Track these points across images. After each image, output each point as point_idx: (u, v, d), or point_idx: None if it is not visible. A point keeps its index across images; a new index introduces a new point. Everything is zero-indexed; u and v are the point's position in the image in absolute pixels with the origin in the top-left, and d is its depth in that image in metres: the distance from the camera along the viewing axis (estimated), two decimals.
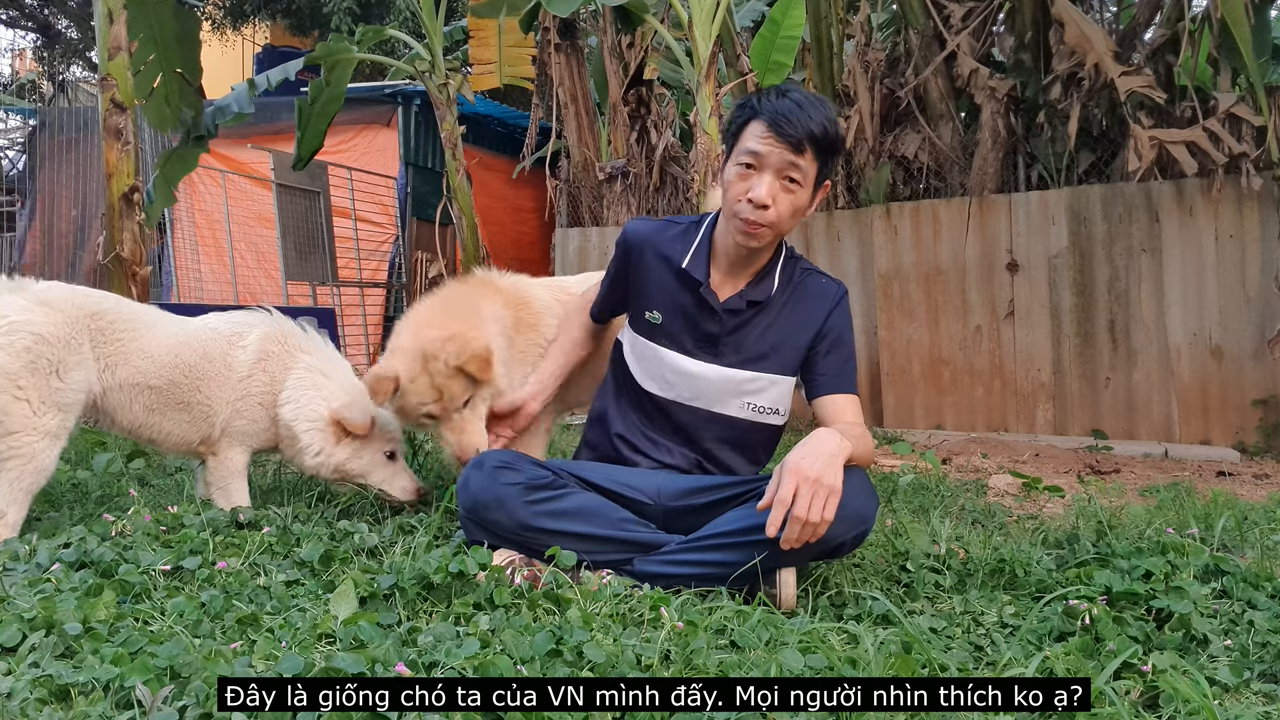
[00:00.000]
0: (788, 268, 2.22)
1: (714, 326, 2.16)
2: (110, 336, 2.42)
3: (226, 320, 2.68)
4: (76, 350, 2.33)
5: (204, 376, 2.54)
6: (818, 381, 2.16)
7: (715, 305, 2.15)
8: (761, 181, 2.01)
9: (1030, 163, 5.82)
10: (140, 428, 2.52)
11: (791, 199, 2.04)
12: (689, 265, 2.19)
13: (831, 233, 6.07)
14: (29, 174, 11.05)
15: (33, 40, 17.87)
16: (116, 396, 2.45)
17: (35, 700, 1.33)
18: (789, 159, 1.99)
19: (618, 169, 7.32)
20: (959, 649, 1.69)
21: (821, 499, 1.79)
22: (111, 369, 2.43)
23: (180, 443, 2.61)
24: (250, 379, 2.57)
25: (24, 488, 2.27)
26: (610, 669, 1.46)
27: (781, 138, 1.98)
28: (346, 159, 9.30)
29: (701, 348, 2.17)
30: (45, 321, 2.29)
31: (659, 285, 2.22)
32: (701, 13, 5.29)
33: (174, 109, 5.87)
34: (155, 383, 2.48)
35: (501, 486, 2.04)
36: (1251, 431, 4.90)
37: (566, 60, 7.95)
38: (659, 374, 2.21)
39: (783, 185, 2.02)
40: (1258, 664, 1.64)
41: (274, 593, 1.83)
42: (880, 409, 5.86)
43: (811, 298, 2.19)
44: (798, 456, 1.84)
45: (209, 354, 2.55)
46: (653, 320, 2.21)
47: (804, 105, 2.00)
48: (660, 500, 2.15)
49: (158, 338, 2.51)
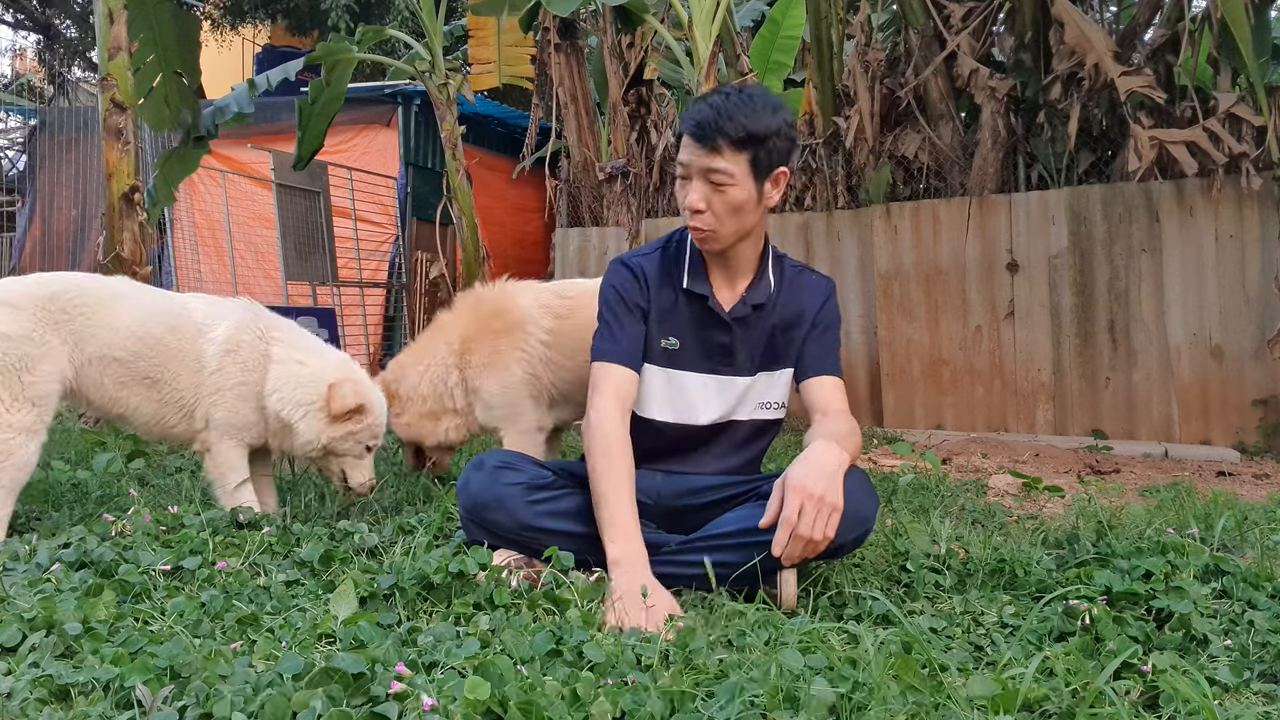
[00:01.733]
0: (778, 266, 2.24)
1: (725, 337, 2.17)
2: (73, 314, 2.40)
3: (203, 304, 2.64)
4: (40, 343, 2.32)
5: (169, 351, 2.50)
6: (805, 364, 2.20)
7: (723, 315, 2.16)
8: (691, 188, 2.05)
9: (1030, 163, 5.82)
10: (111, 404, 2.49)
11: (724, 198, 2.04)
12: (690, 284, 2.19)
13: (831, 233, 6.07)
14: (29, 174, 11.05)
15: (34, 40, 17.88)
16: (88, 373, 2.43)
17: (35, 700, 1.33)
18: (705, 163, 2.02)
19: (618, 169, 7.32)
20: (959, 649, 1.69)
21: (825, 516, 1.83)
22: (79, 346, 2.41)
23: (153, 423, 2.56)
24: (221, 371, 2.54)
25: (5, 485, 2.27)
26: (610, 669, 1.46)
27: (695, 140, 2.03)
28: (346, 159, 9.30)
29: (718, 360, 2.18)
30: (4, 319, 2.28)
31: (668, 311, 2.20)
32: (701, 13, 5.29)
33: (173, 110, 5.86)
34: (119, 355, 2.45)
35: (502, 487, 2.04)
36: (1251, 431, 4.90)
37: (566, 60, 7.95)
38: (673, 400, 2.18)
39: (711, 187, 2.04)
40: (1258, 664, 1.64)
41: (274, 593, 1.83)
42: (880, 409, 5.86)
43: (805, 293, 2.23)
44: (800, 474, 1.86)
45: (177, 329, 2.52)
46: (669, 347, 2.19)
47: (719, 107, 2.01)
48: (660, 500, 2.16)
49: (124, 307, 2.48)
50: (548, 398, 2.99)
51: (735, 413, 2.19)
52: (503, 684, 1.34)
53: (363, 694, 1.33)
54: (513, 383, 2.94)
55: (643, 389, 2.18)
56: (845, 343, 5.98)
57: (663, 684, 1.39)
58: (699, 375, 2.18)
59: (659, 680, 1.42)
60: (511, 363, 2.93)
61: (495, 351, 2.95)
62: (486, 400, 2.98)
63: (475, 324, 3.02)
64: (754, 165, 2.05)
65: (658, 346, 2.19)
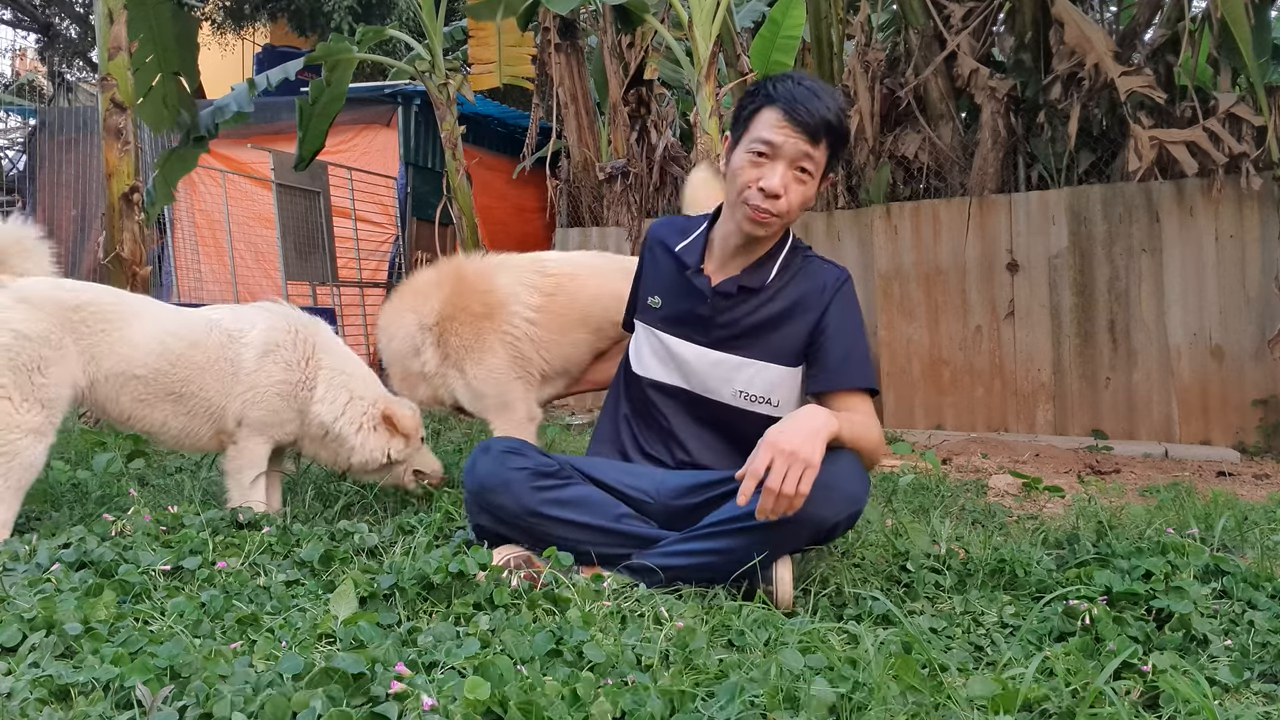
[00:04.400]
0: (791, 258, 2.19)
1: (704, 309, 2.17)
2: (94, 328, 2.41)
3: (229, 312, 2.68)
4: (57, 346, 2.33)
5: (194, 366, 2.52)
6: (816, 377, 2.12)
7: (704, 288, 2.16)
8: (775, 171, 2.00)
9: (1030, 163, 5.82)
10: (131, 420, 2.51)
11: (802, 190, 2.04)
12: (682, 250, 2.23)
13: (831, 233, 6.07)
14: (29, 174, 11.05)
15: (34, 40, 17.87)
16: (104, 388, 2.44)
17: (35, 700, 1.33)
18: (804, 149, 1.98)
19: (618, 169, 7.32)
20: (959, 649, 1.69)
21: (797, 472, 1.75)
22: (96, 361, 2.42)
23: (183, 435, 2.58)
24: (260, 372, 2.58)
25: (11, 485, 2.27)
26: (610, 669, 1.46)
27: (798, 126, 1.97)
28: (346, 159, 9.30)
29: (695, 329, 2.19)
30: (25, 319, 2.28)
31: (660, 272, 2.28)
32: (701, 13, 5.29)
33: (171, 110, 5.86)
34: (140, 372, 2.46)
35: (509, 471, 2.06)
36: (1251, 431, 4.90)
37: (566, 60, 7.95)
38: (660, 357, 2.24)
39: (795, 176, 2.01)
40: (1258, 664, 1.64)
41: (274, 593, 1.83)
42: (880, 409, 5.86)
43: (808, 284, 2.15)
44: (777, 430, 1.83)
45: (198, 344, 2.53)
46: (654, 305, 2.26)
47: (819, 93, 1.99)
48: (659, 498, 2.16)
49: (143, 326, 2.49)
50: (539, 376, 2.97)
51: (715, 392, 2.17)
52: (503, 684, 1.34)
53: (363, 694, 1.33)
54: (499, 366, 2.90)
55: (638, 346, 2.28)
56: None
57: (663, 684, 1.39)
58: (676, 339, 2.21)
59: (659, 680, 1.42)
60: (497, 345, 2.89)
61: (479, 334, 2.89)
62: (476, 389, 2.93)
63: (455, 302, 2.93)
64: (829, 163, 2.05)
65: (647, 304, 2.28)
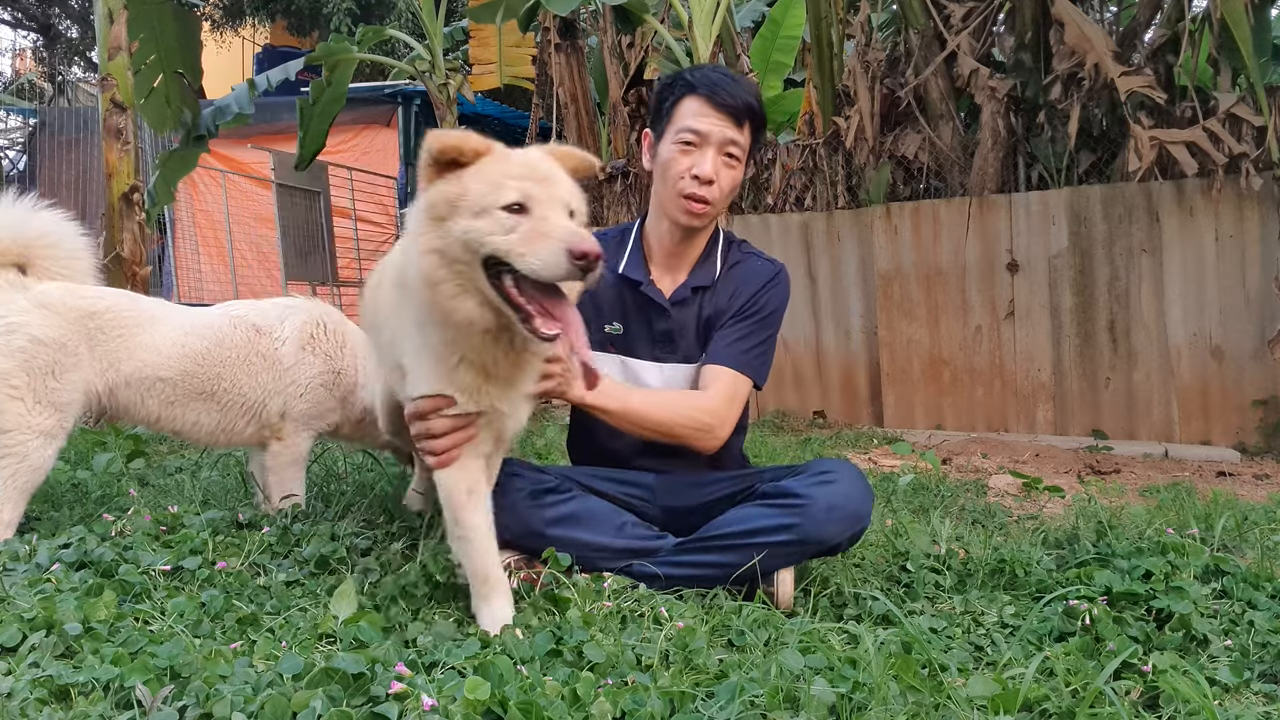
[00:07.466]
0: (729, 251, 2.19)
1: (664, 323, 2.14)
2: (110, 334, 2.42)
3: (249, 307, 2.68)
4: (72, 353, 2.34)
5: (222, 362, 2.53)
6: (709, 350, 2.10)
7: (661, 301, 2.14)
8: (705, 157, 2.01)
9: (1030, 163, 5.82)
10: (160, 421, 2.53)
11: (732, 175, 2.05)
12: (626, 268, 2.16)
13: (831, 233, 6.07)
14: (29, 174, 11.05)
15: (33, 40, 17.87)
16: (126, 393, 2.45)
17: (35, 700, 1.33)
18: (730, 135, 2.00)
19: (618, 169, 7.32)
20: (959, 649, 1.69)
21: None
22: (114, 366, 2.42)
23: (219, 432, 2.59)
24: (300, 365, 2.58)
25: (19, 486, 2.27)
26: (610, 669, 1.46)
27: (722, 111, 1.99)
28: (347, 159, 9.31)
29: (661, 347, 2.15)
30: (42, 324, 2.30)
31: (611, 297, 2.17)
32: (701, 13, 5.29)
33: (174, 110, 5.87)
34: (165, 374, 2.47)
35: (508, 495, 1.98)
36: (1251, 432, 4.90)
37: (566, 60, 7.94)
38: (629, 380, 2.15)
39: (724, 161, 2.03)
40: (1258, 664, 1.64)
41: (274, 593, 1.83)
42: (880, 409, 5.86)
43: (746, 277, 2.15)
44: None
45: (223, 340, 2.54)
46: (614, 331, 2.16)
47: (735, 79, 2.02)
48: (658, 500, 2.15)
49: (161, 329, 2.50)
50: None
51: None
52: (503, 684, 1.34)
53: (363, 694, 1.33)
54: None
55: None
56: (845, 343, 5.99)
57: (663, 684, 1.39)
58: (647, 363, 2.14)
59: (659, 680, 1.42)
60: None
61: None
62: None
63: None
64: (753, 147, 2.06)
65: (603, 332, 2.15)
